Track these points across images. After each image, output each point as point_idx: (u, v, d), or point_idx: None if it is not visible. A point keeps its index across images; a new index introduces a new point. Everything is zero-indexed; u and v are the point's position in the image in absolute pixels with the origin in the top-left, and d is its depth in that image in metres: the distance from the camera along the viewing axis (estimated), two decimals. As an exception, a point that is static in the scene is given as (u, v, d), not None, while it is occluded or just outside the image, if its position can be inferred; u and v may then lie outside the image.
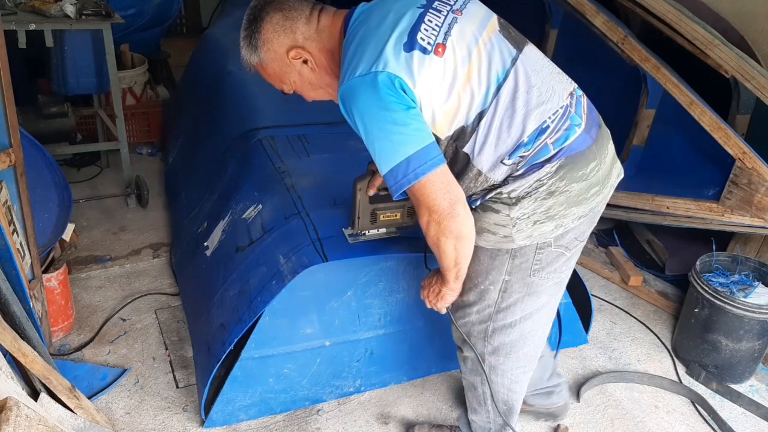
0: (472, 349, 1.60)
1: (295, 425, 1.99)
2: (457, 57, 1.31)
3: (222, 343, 1.87)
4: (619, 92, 2.93)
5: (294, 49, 1.40)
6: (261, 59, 1.43)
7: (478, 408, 1.75)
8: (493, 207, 1.39)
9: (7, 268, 1.70)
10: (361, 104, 1.27)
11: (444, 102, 1.31)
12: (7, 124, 1.82)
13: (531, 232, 1.39)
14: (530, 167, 1.35)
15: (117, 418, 1.96)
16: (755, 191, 2.21)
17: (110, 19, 2.80)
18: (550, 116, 1.35)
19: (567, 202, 1.38)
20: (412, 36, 1.29)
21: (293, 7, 1.41)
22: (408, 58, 1.27)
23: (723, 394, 2.25)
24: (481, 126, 1.33)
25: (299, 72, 1.44)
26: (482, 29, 1.37)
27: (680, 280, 2.73)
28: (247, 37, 1.43)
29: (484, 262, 1.47)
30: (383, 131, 1.27)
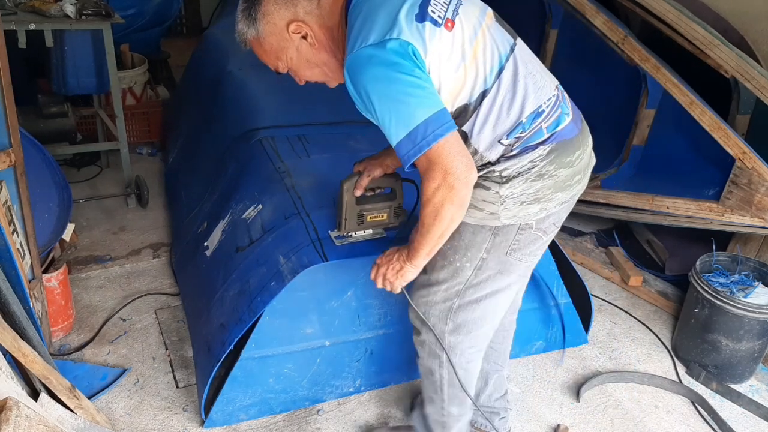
0: (432, 330, 1.57)
1: (295, 425, 1.99)
2: (465, 34, 1.32)
3: (222, 343, 1.87)
4: (619, 92, 2.93)
5: (294, 23, 1.38)
6: (259, 32, 1.40)
7: (434, 396, 1.70)
8: (483, 184, 1.39)
9: (7, 268, 1.70)
10: (375, 71, 1.26)
11: (451, 77, 1.32)
12: (7, 124, 1.82)
13: (517, 212, 1.41)
14: (524, 148, 1.37)
15: (117, 418, 1.96)
16: (755, 191, 2.21)
17: (110, 19, 2.80)
18: (545, 101, 1.40)
19: (554, 187, 1.41)
20: (423, 8, 1.29)
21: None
22: (420, 28, 1.28)
23: (723, 394, 2.25)
24: (483, 105, 1.35)
25: (297, 48, 1.41)
26: (483, 15, 1.40)
27: (680, 280, 2.73)
28: (246, 9, 1.39)
29: (465, 237, 1.46)
30: (400, 94, 1.26)
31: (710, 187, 2.41)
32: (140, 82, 3.87)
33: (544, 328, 2.33)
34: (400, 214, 1.82)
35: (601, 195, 2.83)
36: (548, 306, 2.26)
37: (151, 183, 3.24)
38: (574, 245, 3.07)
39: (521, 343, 2.33)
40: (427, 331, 1.60)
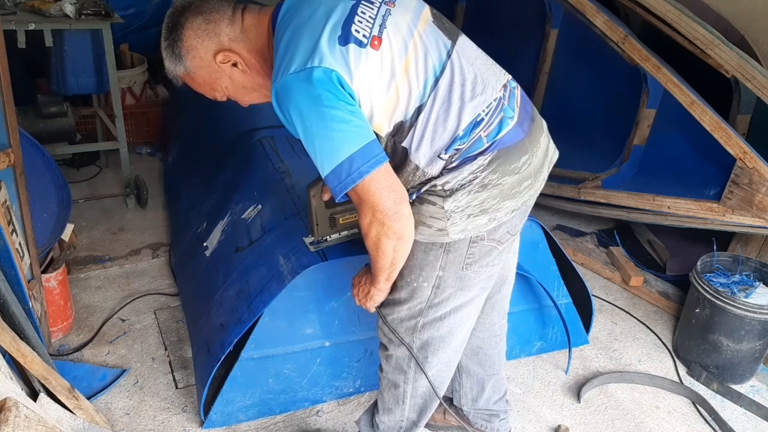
0: (402, 344, 1.53)
1: (294, 426, 1.99)
2: (393, 50, 1.27)
3: (221, 344, 1.87)
4: (619, 92, 2.93)
5: (221, 53, 1.34)
6: (187, 68, 1.37)
7: (393, 408, 1.67)
8: (428, 199, 1.36)
9: (6, 269, 1.70)
10: (298, 102, 1.22)
11: (382, 97, 1.27)
12: (7, 124, 1.81)
13: (465, 225, 1.37)
14: (464, 160, 1.33)
15: (116, 418, 1.96)
16: (756, 191, 2.20)
17: (110, 18, 2.80)
18: (484, 109, 1.33)
19: (500, 196, 1.36)
20: (346, 28, 1.24)
21: (214, 9, 1.35)
22: (344, 51, 1.22)
23: (724, 395, 2.25)
24: (419, 120, 1.30)
25: (230, 76, 1.38)
26: (416, 20, 1.34)
27: (681, 280, 2.73)
28: (169, 47, 1.36)
29: (417, 257, 1.42)
30: (324, 129, 1.22)
31: (711, 187, 2.41)
32: (140, 81, 3.87)
33: (545, 328, 2.33)
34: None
35: (602, 195, 2.82)
36: (549, 306, 2.25)
37: (150, 183, 3.24)
38: (575, 245, 3.06)
39: (521, 343, 2.33)
40: (395, 347, 1.56)
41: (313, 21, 1.26)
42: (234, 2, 1.38)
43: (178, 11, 1.36)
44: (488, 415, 1.90)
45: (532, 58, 3.43)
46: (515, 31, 3.58)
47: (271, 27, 1.33)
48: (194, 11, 1.35)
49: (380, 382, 1.67)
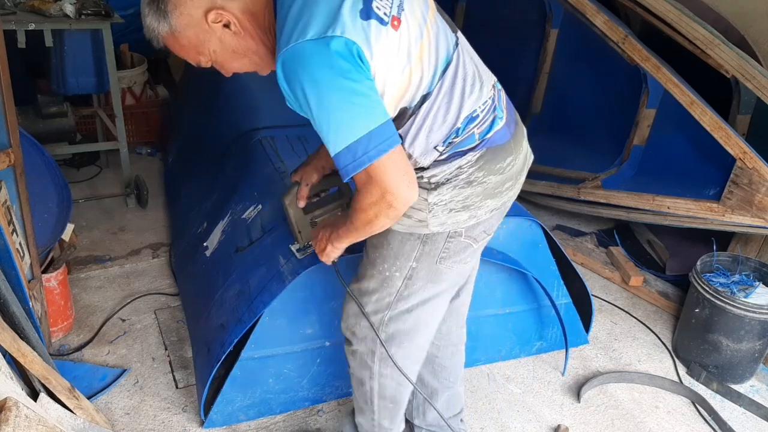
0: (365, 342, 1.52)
1: (295, 426, 1.99)
2: (411, 33, 1.22)
3: (222, 344, 1.87)
4: (619, 92, 2.93)
5: (213, 11, 1.21)
6: (173, 27, 1.23)
7: (364, 407, 1.65)
8: None
9: (6, 269, 1.70)
10: (315, 71, 1.12)
11: (396, 80, 1.22)
12: (7, 123, 1.81)
13: (445, 219, 1.36)
14: (453, 154, 1.31)
15: (116, 418, 1.96)
16: (756, 191, 2.21)
17: (110, 18, 2.80)
18: (480, 105, 1.32)
19: (483, 194, 1.36)
20: (367, 3, 1.17)
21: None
22: (365, 26, 1.15)
23: (723, 395, 2.25)
24: (422, 109, 1.26)
25: (220, 38, 1.25)
26: (427, 9, 1.30)
27: (681, 280, 2.73)
28: (153, 2, 1.22)
29: (393, 246, 1.40)
30: (342, 102, 1.14)
31: (711, 187, 2.41)
32: (140, 81, 3.87)
33: (544, 328, 2.33)
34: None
35: (602, 195, 2.83)
36: (548, 306, 2.26)
37: (150, 183, 3.24)
38: (575, 245, 3.06)
39: (521, 343, 2.33)
40: (359, 342, 1.54)
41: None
42: None
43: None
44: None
45: (532, 58, 3.43)
46: (515, 31, 3.58)
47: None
48: None
49: (351, 381, 1.66)
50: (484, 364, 2.29)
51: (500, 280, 2.16)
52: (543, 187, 3.15)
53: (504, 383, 2.22)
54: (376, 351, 1.53)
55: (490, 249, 2.05)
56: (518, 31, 3.56)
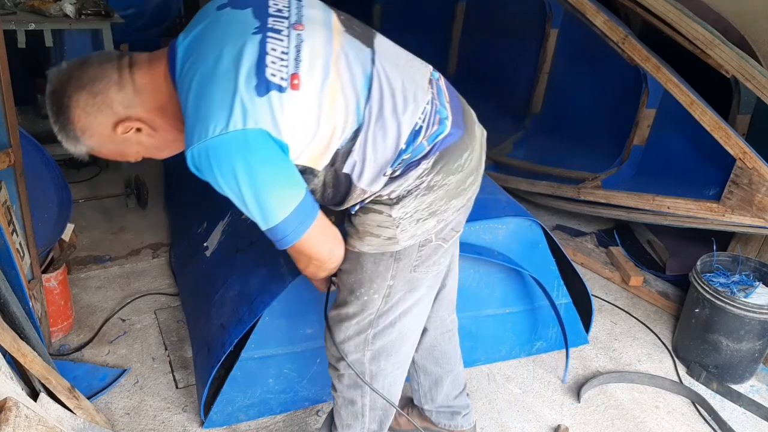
0: (351, 366, 1.50)
1: (295, 426, 1.99)
2: (315, 82, 1.16)
3: (222, 344, 1.87)
4: (619, 92, 2.93)
5: (120, 124, 1.21)
6: (90, 147, 1.24)
7: (353, 423, 1.62)
8: (374, 208, 1.31)
9: (6, 269, 1.70)
10: (225, 166, 1.11)
11: (314, 136, 1.19)
12: (7, 123, 1.82)
13: (415, 231, 1.33)
14: (407, 167, 1.27)
15: (116, 418, 1.96)
16: (756, 191, 2.21)
17: (110, 18, 2.80)
18: (419, 116, 1.26)
19: (447, 196, 1.32)
20: (260, 74, 1.12)
21: (96, 78, 1.19)
22: (265, 102, 1.11)
23: (723, 395, 2.25)
24: (357, 144, 1.22)
25: (138, 142, 1.26)
26: (330, 36, 1.22)
27: (681, 280, 2.73)
28: (62, 131, 1.21)
29: (367, 269, 1.38)
30: (255, 192, 1.14)
31: (711, 187, 2.41)
32: (140, 82, 3.86)
33: (544, 328, 2.33)
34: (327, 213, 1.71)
35: (602, 195, 2.83)
36: (548, 306, 2.25)
37: (150, 183, 3.24)
38: (575, 245, 3.06)
39: (521, 343, 2.33)
40: (346, 367, 1.51)
41: (221, 70, 1.13)
42: (116, 57, 1.23)
43: (57, 90, 1.20)
44: (450, 413, 1.88)
45: (532, 58, 3.43)
46: (515, 31, 3.58)
47: (170, 77, 1.19)
48: (75, 86, 1.18)
49: (335, 401, 1.63)
50: (484, 364, 2.29)
51: (500, 280, 2.16)
52: (543, 187, 3.15)
53: (504, 383, 2.22)
54: (366, 371, 1.52)
55: (490, 249, 2.05)
56: (518, 31, 3.56)
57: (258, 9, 1.21)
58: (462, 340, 1.87)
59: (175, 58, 1.18)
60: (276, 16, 1.20)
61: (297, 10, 1.23)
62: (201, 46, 1.17)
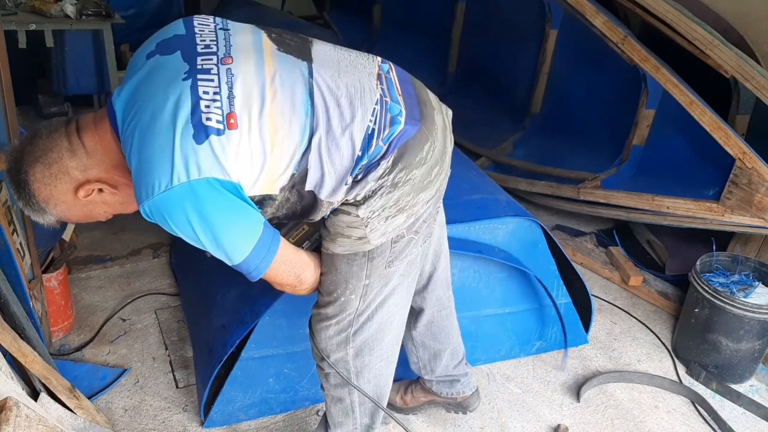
0: (333, 366, 1.52)
1: (295, 425, 1.99)
2: (253, 115, 1.16)
3: (223, 345, 1.87)
4: (619, 92, 2.93)
5: (80, 188, 1.22)
6: (57, 215, 1.26)
7: (344, 420, 1.64)
8: (342, 209, 1.32)
9: (6, 268, 1.70)
10: (181, 216, 1.14)
11: (263, 167, 1.19)
12: (7, 124, 1.82)
13: (385, 228, 1.32)
14: (367, 170, 1.26)
15: (117, 418, 1.96)
16: (755, 191, 2.21)
17: (110, 19, 2.81)
18: (370, 119, 1.24)
19: (413, 190, 1.31)
20: (196, 121, 1.12)
21: (48, 148, 1.20)
22: (207, 148, 1.11)
23: (723, 394, 2.25)
24: (311, 162, 1.22)
25: (103, 202, 1.27)
26: (261, 60, 1.21)
27: (680, 280, 2.73)
28: (27, 205, 1.23)
29: (341, 270, 1.39)
30: (213, 237, 1.17)
31: (710, 187, 2.41)
32: (140, 82, 3.87)
33: (544, 328, 2.33)
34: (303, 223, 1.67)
35: (601, 195, 2.83)
36: (548, 306, 2.26)
37: (151, 183, 3.24)
38: (574, 245, 3.07)
39: (521, 343, 2.33)
40: (330, 366, 1.53)
41: (158, 125, 1.13)
42: (64, 124, 1.23)
43: (13, 168, 1.22)
44: (449, 381, 1.91)
45: (532, 58, 3.43)
46: (515, 31, 3.59)
47: (115, 135, 1.20)
48: (29, 161, 1.20)
49: (325, 400, 1.65)
50: (484, 363, 2.29)
51: (500, 280, 2.16)
52: (543, 187, 3.15)
53: (504, 383, 2.23)
54: (351, 369, 1.53)
55: (491, 246, 2.06)
56: (518, 31, 3.56)
57: (186, 51, 1.20)
58: (462, 340, 1.88)
59: (115, 116, 1.19)
60: (204, 54, 1.19)
61: (225, 41, 1.23)
62: (136, 100, 1.17)
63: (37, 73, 3.33)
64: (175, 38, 1.24)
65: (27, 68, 3.37)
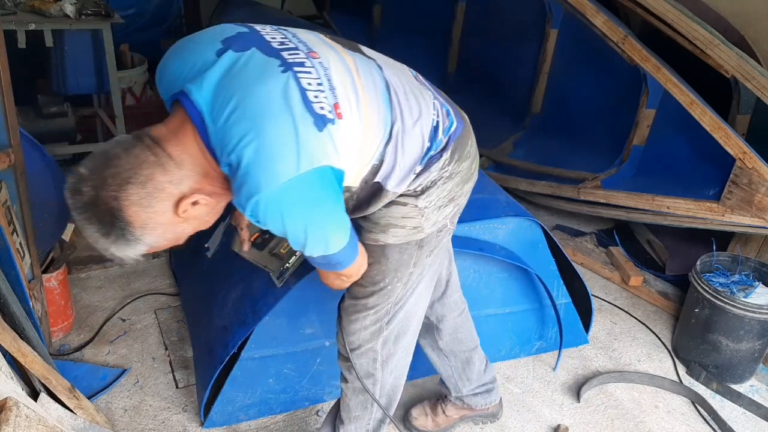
0: (363, 354, 1.53)
1: (294, 425, 1.99)
2: (352, 108, 1.16)
3: (224, 346, 1.87)
4: (619, 92, 2.93)
5: (180, 204, 1.12)
6: (150, 244, 1.14)
7: (361, 414, 1.64)
8: (398, 201, 1.33)
9: (6, 268, 1.70)
10: (300, 204, 1.10)
11: (357, 158, 1.20)
12: (7, 124, 1.82)
13: (436, 218, 1.39)
14: (430, 161, 1.31)
15: (117, 418, 1.96)
16: (755, 191, 2.21)
17: (110, 19, 2.80)
18: (433, 112, 1.31)
19: (462, 181, 1.40)
20: (311, 109, 1.09)
21: (135, 166, 1.07)
22: (326, 137, 1.09)
23: (723, 395, 2.25)
24: (387, 154, 1.24)
25: (196, 217, 1.18)
26: (339, 55, 1.22)
27: (681, 280, 2.73)
28: (119, 240, 1.09)
29: (392, 260, 1.40)
30: (328, 221, 1.17)
31: (710, 187, 2.41)
32: (140, 82, 3.87)
33: (544, 328, 2.33)
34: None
35: (602, 195, 2.83)
36: (548, 306, 2.26)
37: (150, 183, 3.24)
38: (575, 245, 3.06)
39: (521, 343, 2.33)
40: (359, 356, 1.53)
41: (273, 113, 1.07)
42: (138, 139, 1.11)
43: (95, 199, 1.05)
44: (485, 391, 1.93)
45: (532, 58, 3.43)
46: (515, 31, 3.58)
47: (200, 139, 1.11)
48: (118, 185, 1.05)
49: (343, 393, 1.64)
50: (484, 363, 2.29)
51: (500, 280, 2.16)
52: (543, 187, 3.15)
53: (504, 383, 2.22)
54: (378, 358, 1.55)
55: (492, 245, 2.06)
56: (518, 31, 3.56)
57: (262, 47, 1.16)
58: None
59: (200, 117, 1.10)
60: (286, 50, 1.16)
61: (296, 38, 1.21)
62: (229, 92, 1.09)
63: (37, 73, 3.33)
64: (239, 36, 1.18)
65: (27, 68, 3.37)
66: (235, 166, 1.08)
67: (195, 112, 1.10)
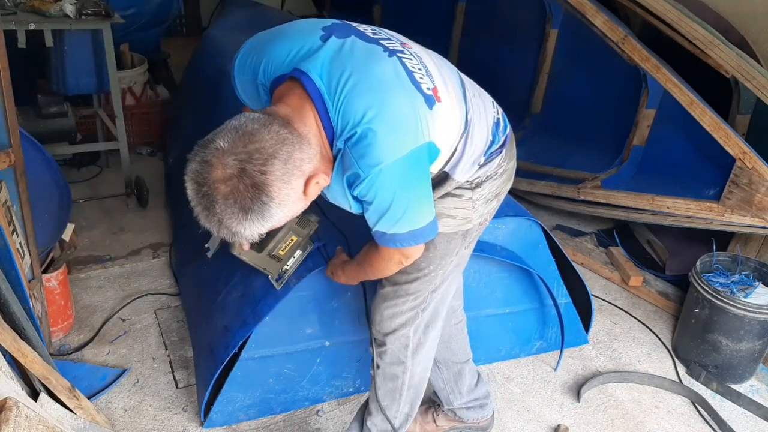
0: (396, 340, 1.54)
1: (294, 425, 1.99)
2: (444, 93, 1.24)
3: (225, 347, 1.87)
4: (619, 92, 2.93)
5: (310, 181, 1.13)
6: (276, 222, 1.13)
7: (390, 404, 1.64)
8: (454, 193, 1.40)
9: (6, 268, 1.70)
10: (413, 174, 1.17)
11: (450, 138, 1.28)
12: (7, 124, 1.82)
13: (483, 210, 1.46)
14: (490, 155, 1.41)
15: (117, 418, 1.96)
16: (755, 191, 2.21)
17: (110, 18, 2.80)
18: (494, 109, 1.43)
19: (507, 179, 1.51)
20: (421, 89, 1.18)
21: (278, 141, 1.07)
22: (436, 114, 1.19)
23: (723, 395, 2.25)
24: (459, 143, 1.31)
25: (311, 196, 1.18)
26: (420, 46, 1.31)
27: (681, 280, 2.73)
28: (258, 216, 1.08)
29: (440, 247, 1.44)
30: (425, 194, 1.23)
31: (710, 187, 2.41)
32: (140, 82, 3.87)
33: (544, 328, 2.33)
34: (306, 223, 1.65)
35: (602, 195, 2.83)
36: (549, 306, 2.26)
37: (151, 183, 3.24)
38: (575, 245, 3.06)
39: (521, 343, 2.33)
40: (393, 341, 1.55)
41: (391, 89, 1.14)
42: (270, 115, 1.11)
43: (241, 172, 1.04)
44: (478, 405, 1.92)
45: (532, 58, 3.43)
46: (515, 31, 3.58)
47: (318, 115, 1.15)
48: (264, 159, 1.05)
49: (374, 381, 1.65)
50: (484, 364, 2.29)
51: (500, 280, 2.16)
52: (543, 187, 3.15)
53: (504, 383, 2.22)
54: (410, 344, 1.57)
55: (493, 245, 2.06)
56: (518, 31, 3.56)
57: (359, 36, 1.23)
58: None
59: (319, 94, 1.14)
60: (381, 39, 1.24)
61: (386, 33, 1.30)
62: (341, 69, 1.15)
63: (37, 73, 3.32)
64: (335, 25, 1.25)
65: (27, 68, 3.37)
66: (356, 139, 1.13)
67: (314, 89, 1.15)
